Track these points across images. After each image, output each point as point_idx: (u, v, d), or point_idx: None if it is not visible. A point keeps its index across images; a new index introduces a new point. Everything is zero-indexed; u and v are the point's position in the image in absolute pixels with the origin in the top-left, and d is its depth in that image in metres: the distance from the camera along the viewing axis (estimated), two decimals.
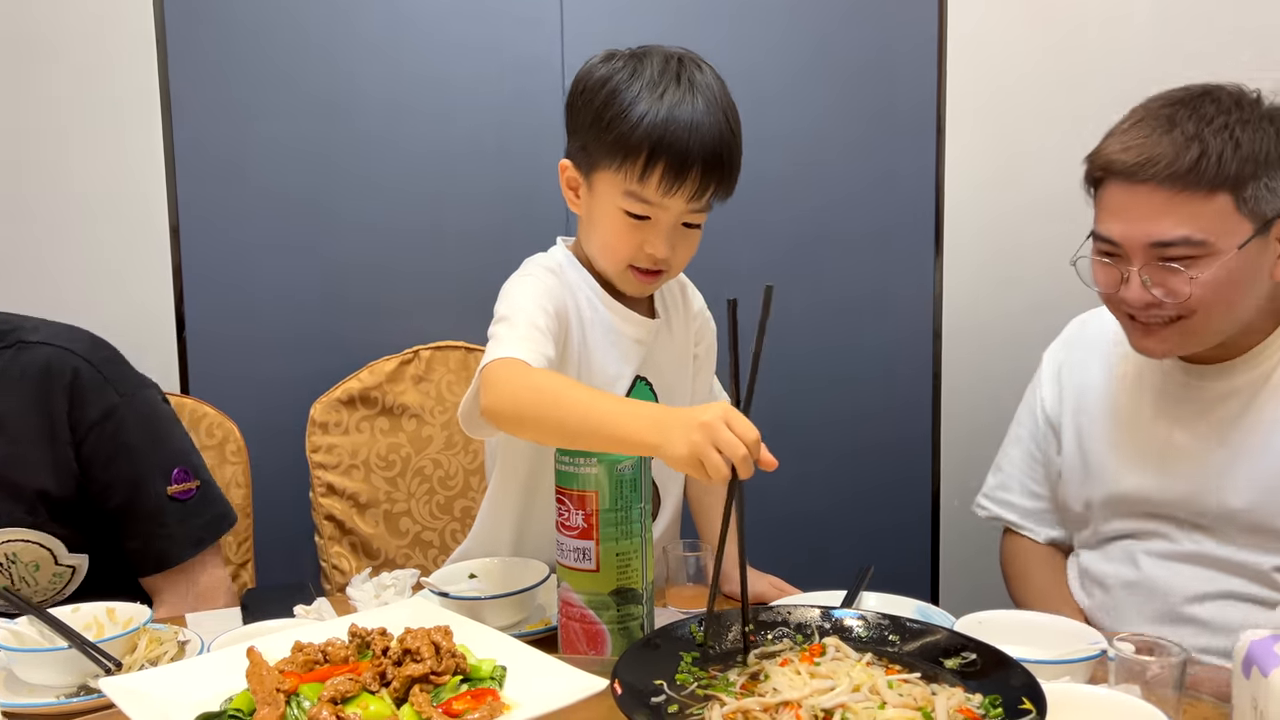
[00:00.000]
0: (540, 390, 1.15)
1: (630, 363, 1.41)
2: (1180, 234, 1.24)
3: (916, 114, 2.20)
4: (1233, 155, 1.22)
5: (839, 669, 0.99)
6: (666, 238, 1.32)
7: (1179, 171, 1.23)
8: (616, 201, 1.30)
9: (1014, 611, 1.29)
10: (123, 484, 1.41)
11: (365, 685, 0.97)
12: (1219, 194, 1.23)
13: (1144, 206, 1.26)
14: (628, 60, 1.31)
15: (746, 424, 1.01)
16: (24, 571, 1.38)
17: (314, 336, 2.06)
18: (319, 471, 1.87)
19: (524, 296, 1.31)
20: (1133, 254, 1.28)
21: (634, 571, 1.16)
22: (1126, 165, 1.26)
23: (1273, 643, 0.89)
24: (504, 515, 1.48)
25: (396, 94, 2.03)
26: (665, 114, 1.26)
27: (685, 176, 1.27)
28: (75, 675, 1.14)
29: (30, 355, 1.37)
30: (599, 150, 1.30)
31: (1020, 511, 1.58)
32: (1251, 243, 1.25)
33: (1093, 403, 1.48)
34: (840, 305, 2.23)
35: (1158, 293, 1.27)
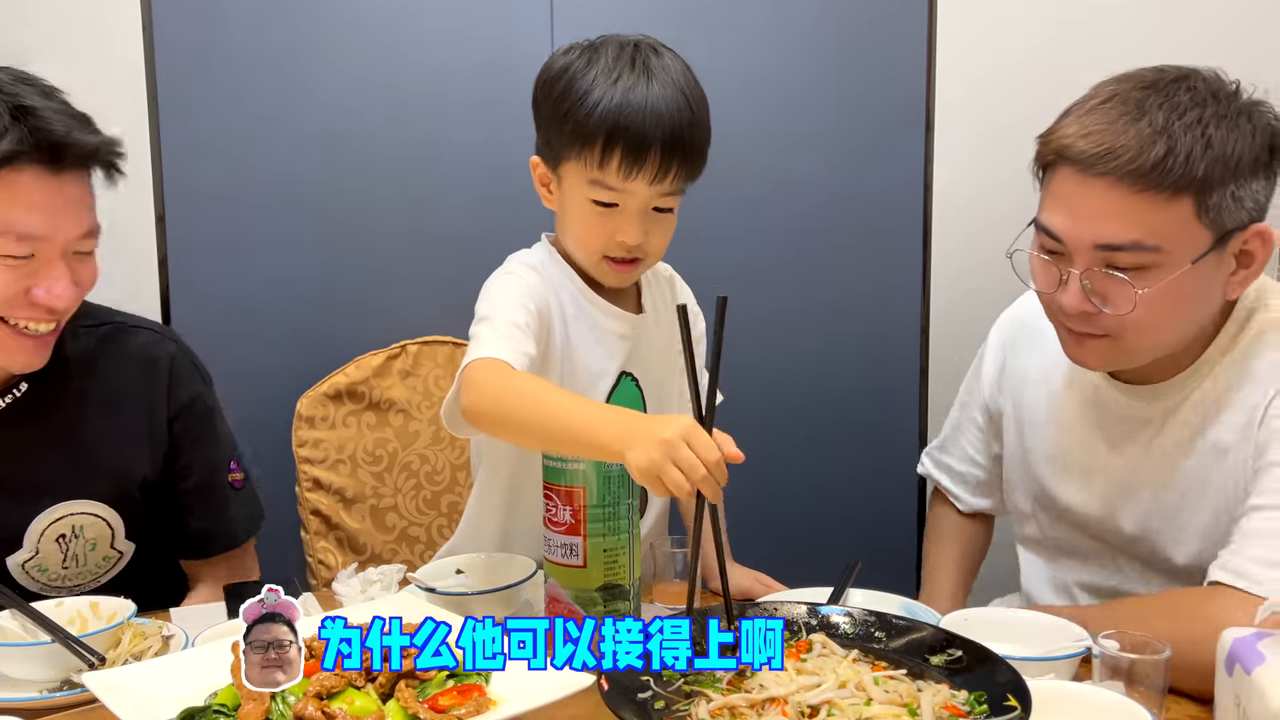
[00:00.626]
0: (520, 393, 1.15)
1: (614, 359, 1.40)
2: (1132, 238, 1.13)
3: (905, 112, 2.20)
4: (1202, 155, 1.10)
5: (825, 665, 0.99)
6: (637, 224, 1.31)
7: (1141, 168, 1.10)
8: (583, 191, 1.30)
9: (999, 609, 1.31)
10: (201, 465, 1.49)
11: (351, 680, 0.97)
12: (1181, 198, 1.11)
13: (1096, 203, 1.14)
14: (584, 50, 1.31)
15: (707, 443, 0.99)
16: (80, 549, 1.42)
17: (300, 331, 2.06)
18: (305, 466, 1.86)
19: (505, 294, 1.31)
20: (1076, 253, 1.17)
21: (621, 567, 1.16)
22: (1083, 155, 1.14)
23: (1255, 640, 0.90)
24: (490, 512, 1.47)
25: (385, 91, 2.02)
26: (620, 98, 1.25)
27: (644, 159, 1.26)
28: (58, 670, 1.13)
29: (132, 337, 1.46)
30: (560, 141, 1.30)
31: (954, 476, 1.57)
32: (1207, 257, 1.14)
33: (1030, 400, 1.42)
34: (827, 302, 2.23)
35: (1096, 301, 1.16)
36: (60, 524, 1.39)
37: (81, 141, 1.23)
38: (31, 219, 1.22)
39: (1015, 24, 2.17)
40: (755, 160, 2.15)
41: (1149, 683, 0.96)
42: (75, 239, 1.27)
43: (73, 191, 1.26)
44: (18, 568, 1.38)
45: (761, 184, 2.17)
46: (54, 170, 1.23)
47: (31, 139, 1.20)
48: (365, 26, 2.01)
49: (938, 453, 1.60)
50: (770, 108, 2.15)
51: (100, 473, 1.41)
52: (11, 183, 1.20)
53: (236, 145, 2.00)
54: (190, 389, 1.48)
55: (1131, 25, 2.14)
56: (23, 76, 1.26)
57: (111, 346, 1.44)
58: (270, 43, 1.98)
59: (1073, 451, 1.36)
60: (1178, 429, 1.26)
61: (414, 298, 2.08)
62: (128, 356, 1.45)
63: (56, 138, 1.21)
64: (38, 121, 1.21)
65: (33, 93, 1.24)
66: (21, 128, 1.20)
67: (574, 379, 1.38)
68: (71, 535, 1.40)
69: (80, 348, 1.42)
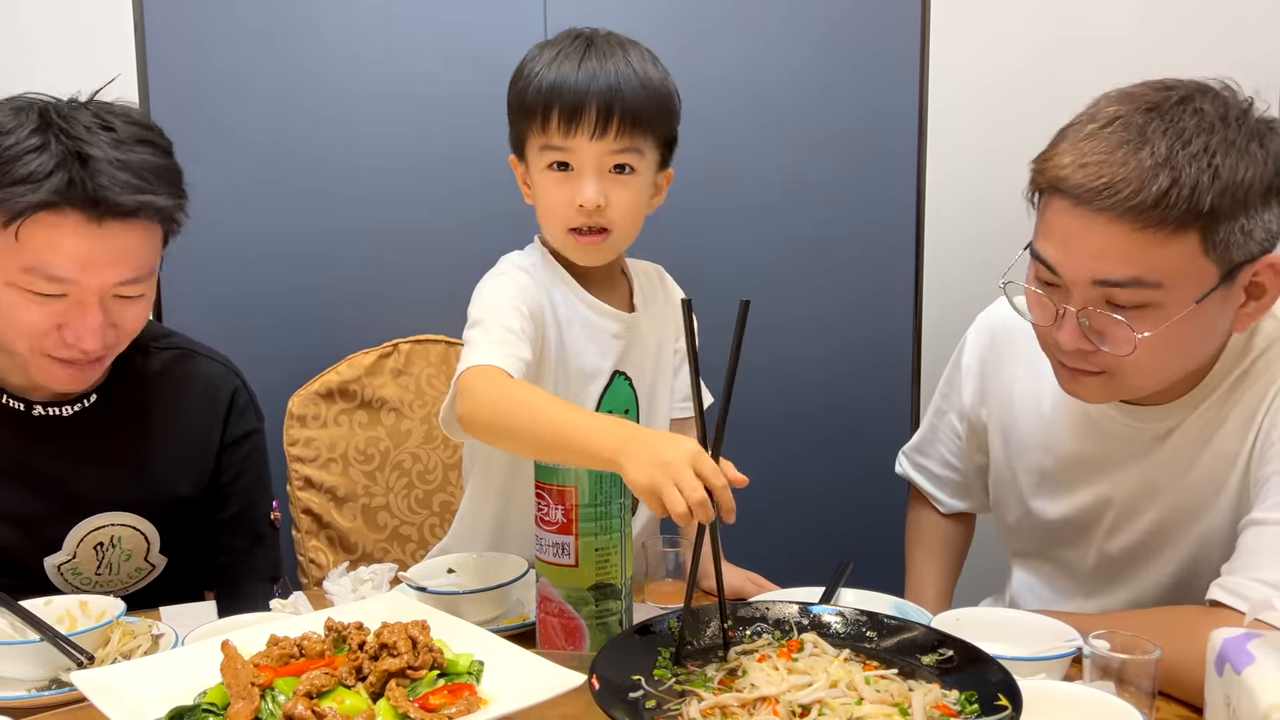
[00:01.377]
0: (515, 401, 1.15)
1: (608, 358, 1.40)
2: (1132, 274, 1.07)
3: (898, 120, 2.20)
4: (1209, 187, 1.03)
5: (817, 665, 0.99)
6: (592, 184, 1.30)
7: (1143, 205, 1.04)
8: (539, 163, 1.33)
9: (991, 609, 1.30)
10: (238, 498, 1.52)
11: (341, 680, 0.97)
12: (1186, 233, 1.05)
13: (1094, 239, 1.07)
14: (543, 43, 1.35)
15: (714, 470, 0.99)
16: (115, 558, 1.44)
17: (292, 329, 2.05)
18: (296, 465, 1.86)
19: (498, 297, 1.31)
20: (1073, 288, 1.11)
21: (613, 567, 1.16)
22: (1080, 188, 1.07)
23: (1245, 641, 0.90)
24: (483, 512, 1.47)
25: (378, 89, 2.02)
26: (559, 65, 1.29)
27: (580, 114, 1.28)
28: (47, 669, 1.12)
29: (196, 365, 1.50)
30: (517, 124, 1.34)
31: (932, 478, 1.56)
32: (1213, 294, 1.08)
33: (1018, 415, 1.38)
34: (819, 308, 2.23)
35: (1094, 339, 1.12)
36: (100, 533, 1.41)
37: (118, 202, 1.22)
38: (64, 264, 1.22)
39: (1011, 29, 2.17)
40: (756, 167, 2.16)
41: (1139, 683, 0.96)
42: (112, 286, 1.26)
43: (118, 242, 1.25)
44: (54, 569, 1.40)
45: (761, 190, 2.17)
46: (95, 221, 1.22)
47: (72, 190, 1.20)
48: (359, 28, 2.00)
49: (915, 454, 1.59)
50: (768, 115, 2.15)
51: (146, 489, 1.43)
52: (50, 227, 1.21)
53: (228, 145, 1.99)
54: (245, 424, 1.52)
55: (1129, 33, 2.14)
56: (107, 122, 1.25)
57: (179, 370, 1.48)
58: (263, 44, 1.97)
59: (1064, 469, 1.33)
60: (1182, 445, 1.22)
61: (406, 296, 2.08)
62: (193, 382, 1.49)
63: (95, 193, 1.21)
64: (88, 174, 1.21)
65: (105, 140, 1.23)
66: (67, 176, 1.20)
67: (567, 379, 1.38)
68: (109, 544, 1.42)
69: (150, 367, 1.46)
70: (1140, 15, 2.16)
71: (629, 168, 1.32)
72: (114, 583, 1.45)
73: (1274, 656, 0.87)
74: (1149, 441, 1.25)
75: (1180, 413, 1.22)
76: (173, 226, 1.33)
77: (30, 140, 1.21)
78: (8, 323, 1.27)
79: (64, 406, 1.39)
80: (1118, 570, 1.32)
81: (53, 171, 1.20)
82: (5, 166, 1.20)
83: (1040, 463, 1.36)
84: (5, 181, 1.20)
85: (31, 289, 1.23)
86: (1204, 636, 0.95)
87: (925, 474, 1.57)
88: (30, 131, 1.22)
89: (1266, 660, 0.87)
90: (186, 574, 1.50)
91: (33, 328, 1.26)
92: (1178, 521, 1.25)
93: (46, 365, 1.30)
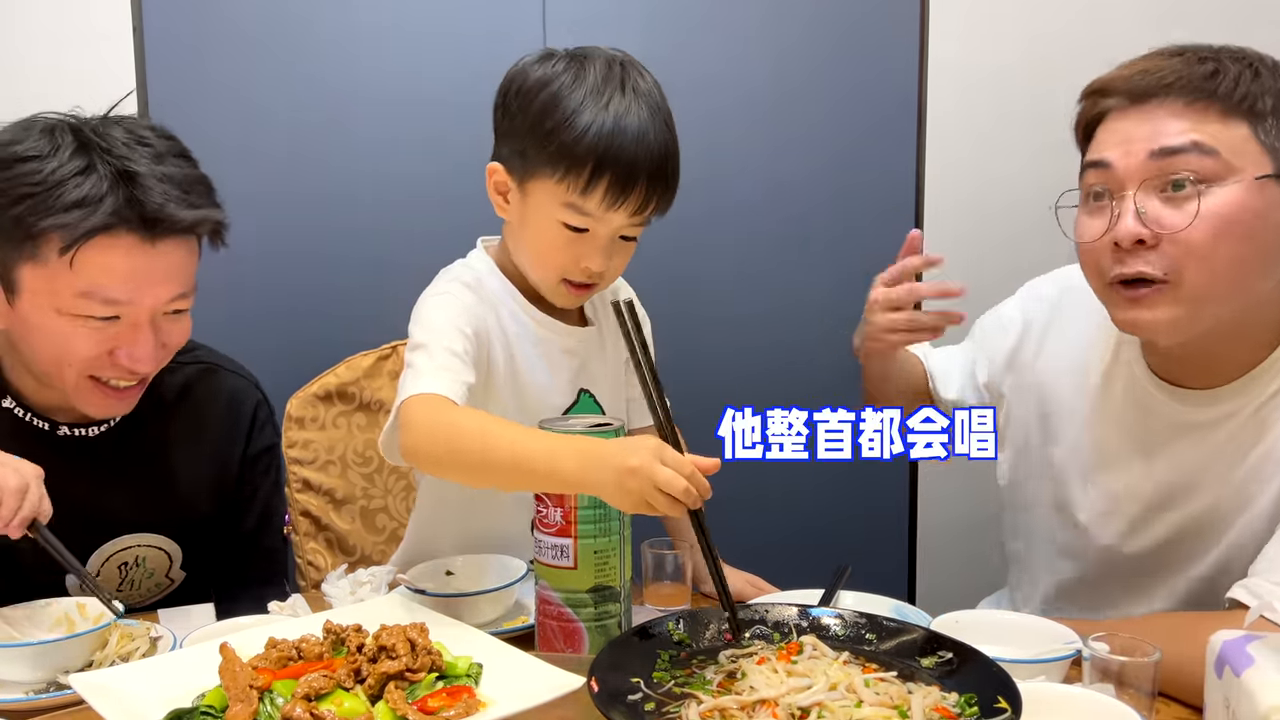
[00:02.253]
0: (465, 432, 1.11)
1: (563, 374, 1.37)
2: (1189, 139, 1.07)
3: (897, 110, 2.21)
4: (1251, 80, 1.07)
5: (816, 667, 0.99)
6: (605, 252, 1.28)
7: (1191, 82, 1.08)
8: (554, 213, 1.25)
9: (990, 611, 1.30)
10: (255, 514, 1.52)
11: (340, 682, 0.97)
12: (1235, 116, 1.07)
13: (1148, 123, 1.10)
14: (569, 63, 1.25)
15: (679, 460, 0.99)
16: (138, 575, 1.43)
17: (291, 331, 2.05)
18: (295, 467, 1.85)
19: (440, 317, 1.26)
20: (1129, 175, 1.11)
21: (612, 569, 1.16)
22: (1130, 84, 1.11)
23: (1245, 643, 0.90)
24: (445, 512, 1.44)
25: (376, 92, 2.02)
26: (612, 124, 1.20)
27: (631, 190, 1.22)
28: (45, 671, 1.12)
29: (220, 380, 1.49)
30: (539, 159, 1.24)
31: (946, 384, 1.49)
32: (1270, 182, 1.07)
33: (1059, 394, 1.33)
34: (818, 303, 2.23)
35: (1154, 226, 1.09)
36: (125, 553, 1.41)
37: (178, 218, 1.21)
38: (119, 286, 1.21)
39: (1009, 26, 2.17)
40: (748, 162, 2.16)
41: (1139, 685, 0.96)
42: (164, 304, 1.26)
43: (169, 259, 1.24)
44: (75, 586, 1.38)
45: (755, 184, 2.17)
46: (149, 240, 1.21)
47: (128, 210, 1.18)
48: (358, 30, 2.00)
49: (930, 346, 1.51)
50: (762, 109, 2.15)
51: (171, 509, 1.43)
52: (105, 249, 1.19)
53: (225, 147, 1.99)
54: (266, 438, 1.52)
55: (1126, 21, 2.14)
56: (142, 137, 1.23)
57: (203, 387, 1.47)
58: (263, 46, 1.97)
59: (1103, 455, 1.29)
60: (1231, 437, 1.18)
61: (405, 298, 2.06)
62: (217, 398, 1.48)
63: (153, 211, 1.19)
64: (138, 192, 1.19)
65: (145, 156, 1.21)
66: (120, 196, 1.18)
67: (523, 397, 1.34)
68: (134, 564, 1.42)
69: (174, 385, 1.44)
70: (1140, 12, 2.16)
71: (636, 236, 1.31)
72: (132, 598, 1.44)
73: (1273, 659, 0.87)
74: (1197, 428, 1.20)
75: (1233, 402, 1.18)
76: (219, 239, 1.31)
77: (74, 163, 1.18)
78: (57, 351, 1.24)
79: (89, 428, 1.37)
80: (1144, 564, 1.27)
81: (106, 193, 1.17)
82: (55, 191, 1.16)
83: (1080, 437, 1.31)
84: (58, 207, 1.16)
85: (85, 314, 1.21)
86: (1204, 639, 0.94)
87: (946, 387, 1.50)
88: (71, 154, 1.18)
89: (1266, 662, 0.87)
90: (201, 587, 1.49)
91: (83, 354, 1.23)
92: (1219, 517, 1.20)
93: (91, 393, 1.28)
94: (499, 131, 1.32)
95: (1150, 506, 1.26)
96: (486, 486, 1.14)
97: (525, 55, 1.30)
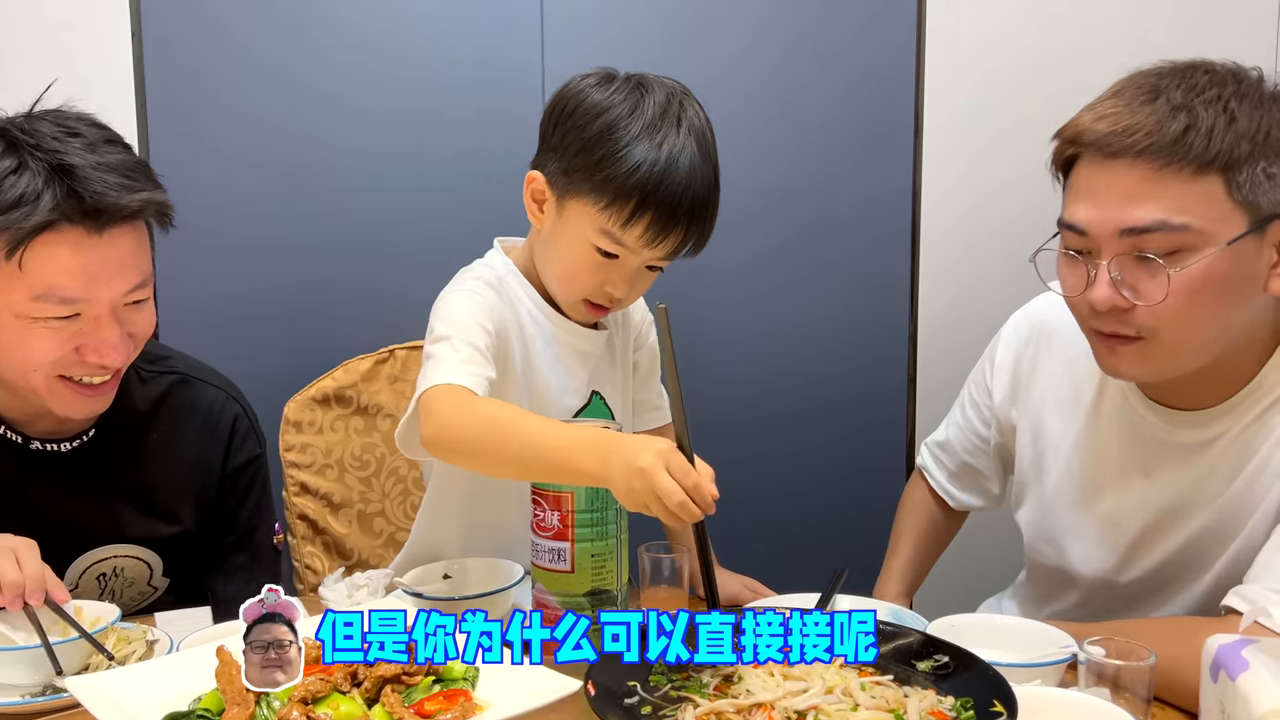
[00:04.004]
0: (487, 420, 1.11)
1: (577, 376, 1.38)
2: (1158, 217, 1.05)
3: (894, 122, 2.21)
4: (1226, 129, 1.03)
5: (812, 671, 0.99)
6: (630, 279, 1.30)
7: (1161, 143, 1.04)
8: (589, 236, 1.26)
9: (986, 615, 1.30)
10: (241, 525, 1.49)
11: (336, 685, 0.97)
12: (1208, 174, 1.04)
13: (1118, 186, 1.07)
14: (628, 93, 1.25)
15: (685, 468, 0.99)
16: (118, 585, 1.42)
17: (288, 335, 2.05)
18: (292, 471, 1.86)
19: (463, 313, 1.27)
20: (1103, 244, 1.09)
21: (609, 573, 1.16)
22: (1099, 136, 1.08)
23: (1240, 647, 0.90)
24: (448, 514, 1.44)
25: (374, 94, 2.02)
26: (664, 165, 1.21)
27: (670, 232, 1.24)
28: (42, 674, 1.12)
29: (195, 392, 1.45)
30: (584, 183, 1.25)
31: (949, 475, 1.53)
32: (1245, 240, 1.05)
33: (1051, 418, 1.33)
34: (818, 310, 2.23)
35: (1128, 294, 1.08)
36: (102, 564, 1.39)
37: (121, 204, 1.18)
38: (73, 283, 1.17)
39: (1005, 29, 2.18)
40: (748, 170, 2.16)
41: (1134, 689, 0.96)
42: (122, 295, 1.22)
43: (119, 248, 1.21)
44: None
45: (753, 194, 2.17)
46: (95, 230, 1.18)
47: (69, 203, 1.15)
48: (356, 37, 2.00)
49: (937, 449, 1.55)
50: (757, 113, 2.16)
51: (147, 522, 1.41)
52: (51, 246, 1.16)
53: (224, 152, 1.99)
54: (247, 451, 1.49)
55: (1122, 34, 2.15)
56: (71, 128, 1.20)
57: (177, 399, 1.43)
58: (260, 53, 1.97)
59: (1095, 473, 1.28)
60: (1224, 456, 1.18)
61: (403, 302, 2.06)
62: (192, 411, 1.44)
63: (95, 201, 1.16)
64: (76, 184, 1.15)
65: (78, 147, 1.18)
66: (58, 191, 1.15)
67: (537, 397, 1.35)
68: (112, 574, 1.40)
69: (147, 396, 1.41)
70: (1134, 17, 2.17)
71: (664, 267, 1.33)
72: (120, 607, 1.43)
73: (1268, 663, 0.87)
74: (1189, 449, 1.20)
75: (1223, 421, 1.18)
76: (167, 220, 1.27)
77: (4, 163, 1.15)
78: (21, 356, 1.21)
79: (62, 442, 1.35)
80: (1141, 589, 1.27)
81: (43, 189, 1.14)
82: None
83: (1070, 464, 1.31)
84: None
85: (44, 315, 1.18)
86: (1199, 643, 0.94)
87: (943, 469, 1.54)
88: (0, 154, 1.16)
89: (1261, 666, 0.87)
90: (189, 593, 1.48)
91: (49, 356, 1.21)
92: (1215, 538, 1.20)
93: (64, 393, 1.25)
94: (546, 143, 1.32)
95: (1145, 531, 1.25)
96: (505, 476, 1.15)
97: (586, 73, 1.29)
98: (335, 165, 2.03)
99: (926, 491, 1.58)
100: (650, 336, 1.53)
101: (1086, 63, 2.14)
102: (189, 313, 2.01)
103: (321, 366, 1.90)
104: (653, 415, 1.55)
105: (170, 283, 2.00)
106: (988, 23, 2.18)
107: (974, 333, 1.55)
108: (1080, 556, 1.31)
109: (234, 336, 2.03)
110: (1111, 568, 1.29)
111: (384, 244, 2.07)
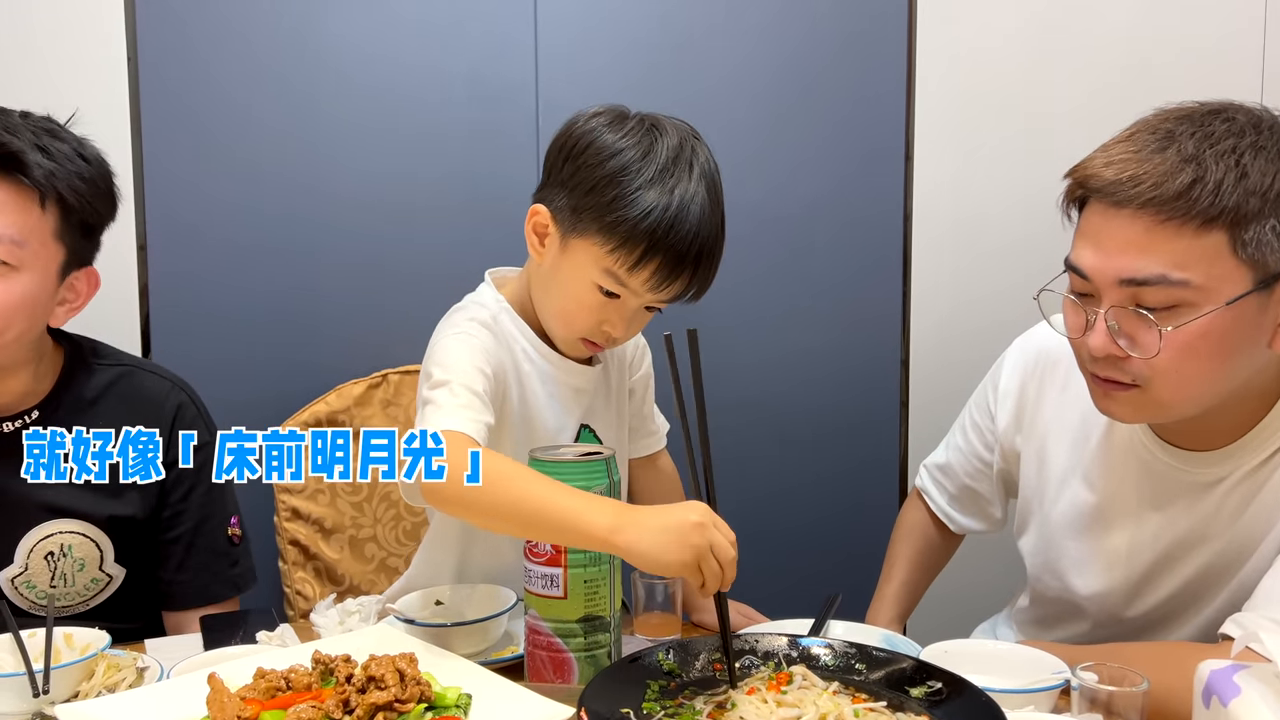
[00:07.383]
0: (491, 477, 1.08)
1: (572, 413, 1.39)
2: (1157, 271, 1.04)
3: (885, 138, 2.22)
4: (1235, 184, 1.01)
5: (805, 697, 0.99)
6: (629, 320, 1.31)
7: (1165, 196, 1.02)
8: (593, 275, 1.26)
9: (979, 641, 1.30)
10: (192, 515, 1.50)
11: (328, 713, 0.96)
12: (1213, 230, 1.02)
13: (1121, 235, 1.06)
14: (641, 135, 1.25)
15: (724, 545, 1.04)
16: (68, 568, 1.42)
17: (281, 359, 2.05)
18: (284, 496, 1.85)
19: (461, 357, 1.25)
20: (1103, 291, 1.09)
21: (602, 599, 1.16)
22: (1105, 183, 1.07)
23: (1232, 672, 0.90)
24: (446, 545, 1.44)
25: (366, 117, 2.03)
26: (675, 211, 1.22)
27: (677, 276, 1.25)
28: (31, 702, 1.11)
29: (139, 381, 1.48)
30: (592, 223, 1.24)
31: (949, 499, 1.53)
32: (1247, 299, 1.03)
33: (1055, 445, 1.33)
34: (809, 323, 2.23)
35: (1124, 344, 1.08)
36: (49, 541, 1.40)
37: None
38: None
39: (1000, 40, 2.19)
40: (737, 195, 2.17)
41: (1127, 715, 0.96)
42: None
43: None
44: (8, 583, 1.39)
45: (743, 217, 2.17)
46: None
47: None
48: (349, 59, 2.01)
49: (937, 472, 1.54)
50: (750, 143, 2.17)
51: (91, 499, 1.41)
52: None
53: (218, 175, 1.99)
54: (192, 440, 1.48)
55: (1114, 56, 2.17)
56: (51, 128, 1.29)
57: (121, 388, 1.46)
58: (254, 75, 1.98)
59: (1101, 506, 1.28)
60: (1231, 495, 1.18)
61: (396, 327, 2.08)
62: (133, 397, 1.46)
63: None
64: None
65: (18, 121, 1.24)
66: None
67: (532, 436, 1.35)
68: (60, 554, 1.41)
69: (94, 385, 1.45)
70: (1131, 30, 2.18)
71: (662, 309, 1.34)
72: (70, 595, 1.43)
73: (1259, 689, 0.87)
74: (1201, 487, 1.20)
75: (1232, 461, 1.17)
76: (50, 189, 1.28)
77: None
78: None
79: (4, 422, 1.38)
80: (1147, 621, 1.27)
81: None
82: None
83: (1076, 495, 1.30)
84: None
85: None
86: (1192, 668, 0.94)
87: (943, 492, 1.53)
88: None
89: (1252, 692, 0.87)
90: (147, 587, 1.49)
91: None
92: (1221, 570, 1.20)
93: None
94: (552, 178, 1.31)
95: (1156, 564, 1.25)
96: (506, 533, 1.15)
97: (597, 109, 1.29)
98: (329, 189, 2.03)
99: (924, 514, 1.58)
100: (644, 363, 1.53)
101: (1078, 84, 2.16)
102: (183, 335, 2.01)
103: (314, 391, 1.90)
104: (648, 441, 1.56)
105: (164, 305, 2.01)
106: (978, 44, 2.20)
107: (966, 354, 1.55)
108: (1087, 587, 1.31)
109: (227, 361, 2.03)
110: (1120, 600, 1.29)
111: (377, 269, 2.07)
